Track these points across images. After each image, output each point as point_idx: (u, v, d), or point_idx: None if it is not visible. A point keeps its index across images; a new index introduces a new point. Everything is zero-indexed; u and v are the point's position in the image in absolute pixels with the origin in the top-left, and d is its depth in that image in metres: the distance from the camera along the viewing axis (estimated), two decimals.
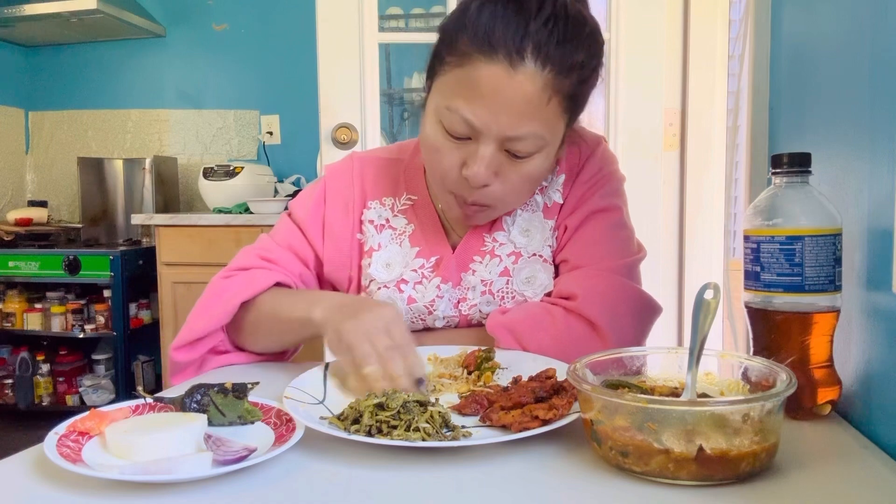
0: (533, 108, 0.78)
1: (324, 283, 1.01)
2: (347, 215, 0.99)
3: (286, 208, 1.03)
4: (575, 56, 0.79)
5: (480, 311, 0.95)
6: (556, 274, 0.95)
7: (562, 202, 0.96)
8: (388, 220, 0.99)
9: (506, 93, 0.77)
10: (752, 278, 0.69)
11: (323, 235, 0.99)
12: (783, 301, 0.67)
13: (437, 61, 0.84)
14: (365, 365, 0.73)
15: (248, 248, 0.98)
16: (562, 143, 0.88)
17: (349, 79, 2.10)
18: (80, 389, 3.15)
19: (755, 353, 0.68)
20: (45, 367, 3.14)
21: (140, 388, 3.01)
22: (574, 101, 0.83)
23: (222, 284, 0.93)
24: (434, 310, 0.95)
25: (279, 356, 0.97)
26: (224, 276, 0.94)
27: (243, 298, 0.90)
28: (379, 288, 0.96)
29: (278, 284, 0.94)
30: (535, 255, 0.95)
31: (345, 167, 1.02)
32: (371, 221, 0.99)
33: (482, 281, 0.95)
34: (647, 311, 0.91)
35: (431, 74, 0.86)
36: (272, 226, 1.04)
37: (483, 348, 0.84)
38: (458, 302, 0.96)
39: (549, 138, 0.82)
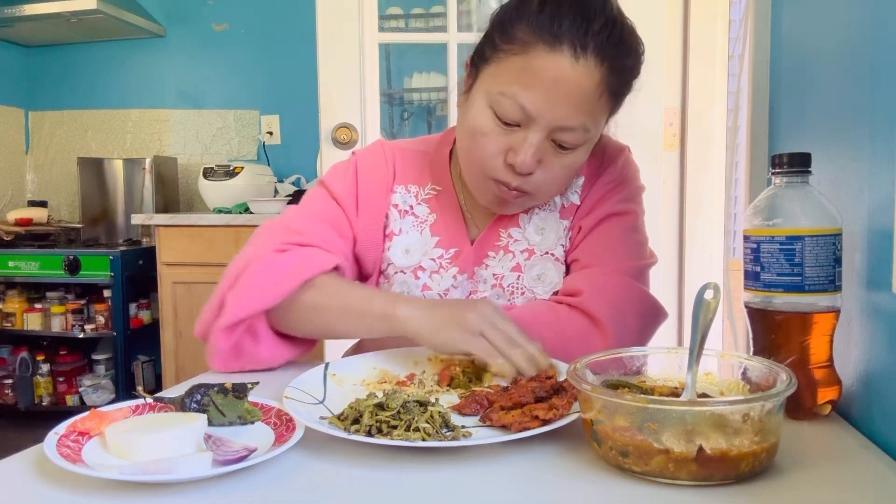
0: (587, 101, 0.82)
1: (355, 261, 0.99)
2: (379, 193, 0.99)
3: (291, 198, 1.01)
4: (626, 60, 0.84)
5: None
6: (567, 273, 0.96)
7: (579, 203, 0.97)
8: (411, 207, 1.00)
9: (566, 83, 0.80)
10: (752, 278, 0.69)
11: (357, 210, 0.98)
12: (783, 301, 0.67)
13: (489, 48, 0.86)
14: (510, 350, 0.76)
15: (274, 224, 0.93)
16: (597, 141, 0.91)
17: (349, 79, 2.10)
18: (80, 389, 3.15)
19: (755, 353, 0.68)
20: (45, 367, 3.14)
21: (140, 388, 3.01)
22: (615, 103, 0.87)
23: (275, 259, 0.87)
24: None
25: (308, 347, 0.94)
26: (278, 250, 0.88)
27: (305, 278, 0.85)
28: (396, 272, 0.97)
29: (336, 269, 0.91)
30: (547, 253, 0.96)
31: (376, 150, 1.03)
32: (395, 206, 0.99)
33: (494, 275, 0.96)
34: (651, 313, 0.92)
35: (480, 61, 0.87)
36: None
37: (457, 365, 0.82)
38: (469, 294, 0.97)
39: (594, 133, 0.86)
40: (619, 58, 0.82)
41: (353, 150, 1.06)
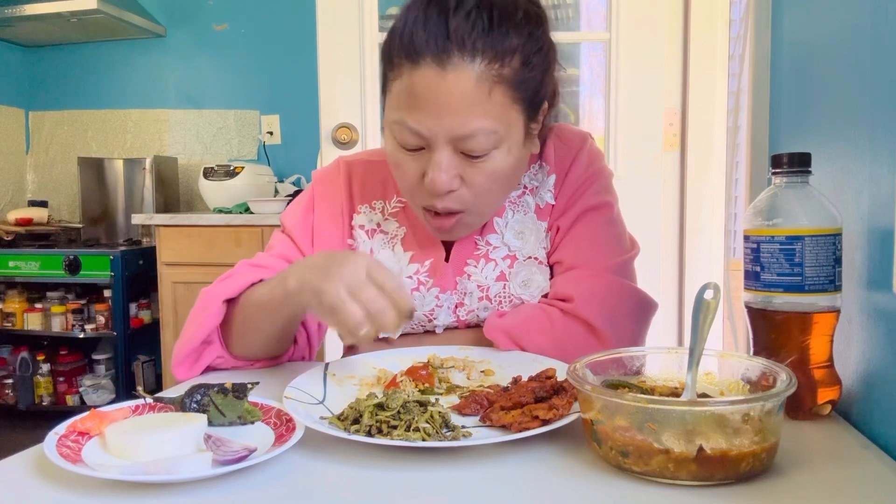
0: (473, 103, 0.76)
1: None
2: (336, 222, 0.98)
3: (286, 206, 1.02)
4: (507, 41, 0.77)
5: (478, 315, 0.95)
6: (552, 275, 0.95)
7: (553, 203, 0.95)
8: (379, 225, 0.98)
9: (441, 94, 0.76)
10: (752, 278, 0.69)
11: (312, 243, 0.97)
12: (783, 301, 0.67)
13: (384, 80, 0.84)
14: (357, 328, 0.71)
15: (243, 261, 0.96)
16: (528, 135, 0.85)
17: (349, 79, 2.10)
18: (80, 389, 3.15)
19: (755, 353, 0.68)
20: (45, 367, 3.14)
21: (140, 388, 3.01)
22: (523, 88, 0.80)
23: (208, 293, 0.90)
24: (434, 318, 0.95)
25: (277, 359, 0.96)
26: (211, 287, 0.92)
27: (226, 297, 0.87)
28: None
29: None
30: (530, 257, 0.94)
31: (331, 173, 1.01)
32: (361, 227, 0.97)
33: (479, 286, 0.94)
34: (644, 309, 0.91)
35: (383, 94, 0.85)
36: (272, 226, 1.03)
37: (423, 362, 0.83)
38: (456, 307, 0.95)
39: (503, 131, 0.80)
40: (495, 44, 0.76)
41: (312, 173, 1.05)
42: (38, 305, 3.14)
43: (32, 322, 3.12)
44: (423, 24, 0.76)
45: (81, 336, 3.08)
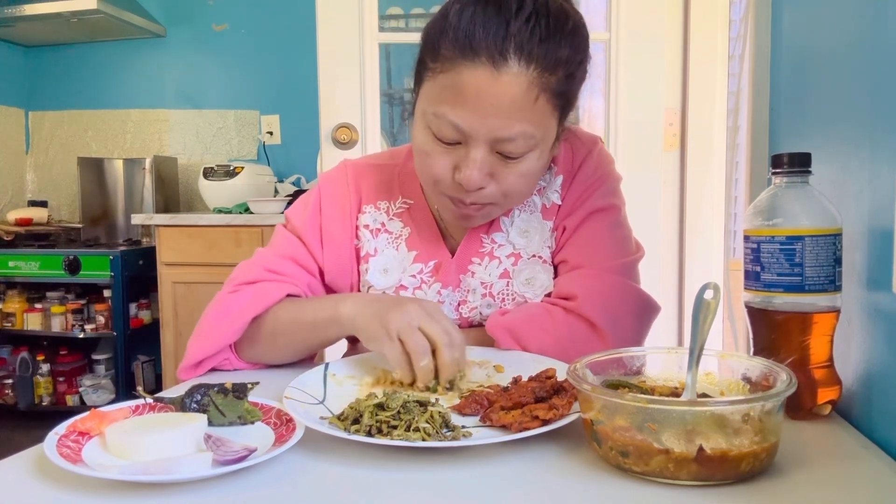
0: (520, 108, 0.78)
1: (327, 291, 0.99)
2: (344, 221, 0.98)
3: (287, 206, 1.01)
4: (559, 52, 0.78)
5: (481, 313, 0.95)
6: (556, 274, 0.95)
7: (560, 203, 0.96)
8: (383, 224, 0.98)
9: (491, 95, 0.77)
10: (752, 278, 0.69)
11: (322, 243, 0.97)
12: (783, 301, 0.67)
13: (422, 67, 0.84)
14: (421, 357, 0.73)
15: (248, 262, 0.95)
16: (556, 140, 0.87)
17: (349, 79, 2.10)
18: (80, 389, 3.15)
19: (755, 353, 0.68)
20: (45, 367, 3.14)
21: (140, 388, 3.01)
22: (563, 97, 0.82)
23: (228, 300, 0.90)
24: None
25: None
26: (230, 291, 0.91)
27: (255, 313, 0.87)
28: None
29: (289, 296, 0.92)
30: (534, 256, 0.95)
31: (338, 174, 1.01)
32: (366, 226, 0.98)
33: (482, 283, 0.94)
34: (646, 310, 0.91)
35: (418, 81, 0.85)
36: (272, 226, 1.02)
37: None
38: (459, 304, 0.96)
39: (541, 136, 0.82)
40: (549, 54, 0.77)
41: (319, 175, 1.06)
42: (38, 305, 3.14)
43: (32, 322, 3.12)
44: (483, 23, 0.76)
45: (81, 336, 3.08)
